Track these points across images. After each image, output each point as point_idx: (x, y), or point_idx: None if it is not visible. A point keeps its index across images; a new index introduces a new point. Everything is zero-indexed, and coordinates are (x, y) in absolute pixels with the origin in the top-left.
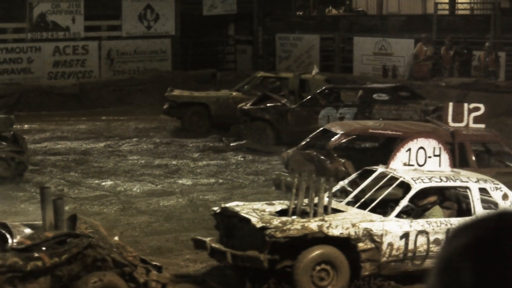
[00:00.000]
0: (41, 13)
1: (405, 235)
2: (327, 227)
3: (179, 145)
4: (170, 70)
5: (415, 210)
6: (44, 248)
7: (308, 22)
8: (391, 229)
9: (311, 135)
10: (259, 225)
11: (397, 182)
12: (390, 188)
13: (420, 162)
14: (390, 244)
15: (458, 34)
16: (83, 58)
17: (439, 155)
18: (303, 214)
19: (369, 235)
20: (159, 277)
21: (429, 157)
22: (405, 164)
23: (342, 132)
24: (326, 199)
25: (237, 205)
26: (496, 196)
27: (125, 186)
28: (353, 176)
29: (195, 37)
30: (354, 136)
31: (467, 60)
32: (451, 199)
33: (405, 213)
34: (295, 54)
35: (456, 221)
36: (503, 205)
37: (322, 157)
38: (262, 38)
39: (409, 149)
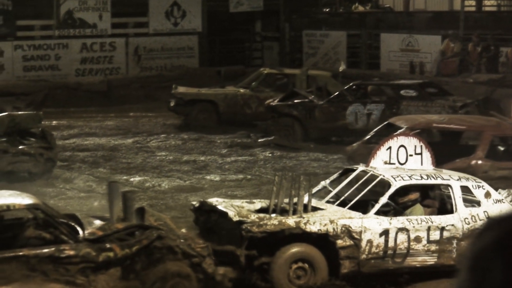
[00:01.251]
0: (68, 10)
1: (385, 232)
2: (305, 223)
3: (207, 141)
4: (197, 67)
5: (395, 208)
6: (115, 239)
7: (334, 19)
8: (370, 226)
9: (375, 129)
10: (236, 218)
11: (377, 180)
12: (370, 186)
13: (401, 161)
14: (370, 241)
15: (485, 31)
16: (110, 55)
17: (420, 153)
18: (283, 212)
19: (347, 232)
20: (226, 271)
21: (411, 155)
22: (386, 163)
23: (406, 126)
24: (306, 198)
25: (216, 201)
26: (479, 194)
27: (153, 182)
28: (335, 175)
29: (222, 34)
30: (418, 130)
31: (495, 57)
32: (432, 197)
33: (387, 213)
34: (322, 51)
35: (437, 219)
36: (485, 203)
37: None
38: (289, 35)
39: (390, 148)
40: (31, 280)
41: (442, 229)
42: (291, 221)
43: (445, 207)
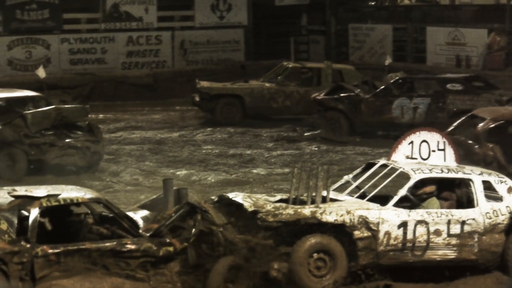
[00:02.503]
0: (114, 4)
1: (403, 225)
2: (321, 213)
3: (253, 134)
4: (243, 60)
5: (413, 201)
6: (170, 229)
7: (380, 12)
8: (388, 217)
9: (459, 120)
10: (251, 209)
11: (397, 172)
12: (389, 179)
13: (424, 156)
14: (387, 233)
15: None
16: (156, 48)
17: (443, 150)
18: (302, 203)
19: (364, 223)
20: (280, 265)
21: (433, 151)
22: (407, 157)
23: (490, 117)
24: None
25: (236, 194)
26: (501, 189)
27: (199, 176)
28: (358, 170)
29: (267, 27)
30: (502, 122)
31: None
32: (452, 191)
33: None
34: (368, 45)
35: (457, 213)
36: (508, 198)
37: (470, 142)
38: (335, 29)
39: (412, 142)
40: (92, 274)
41: (463, 223)
42: (307, 210)
43: (466, 202)
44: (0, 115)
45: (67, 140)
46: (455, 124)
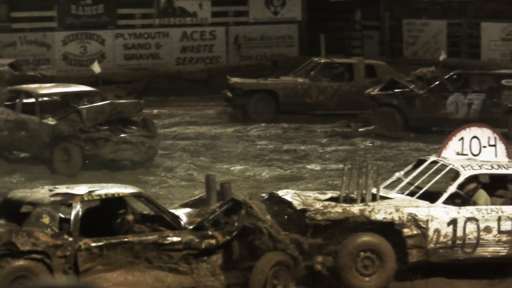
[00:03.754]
0: None
1: (453, 222)
2: (370, 211)
3: (307, 130)
4: (297, 56)
5: (463, 197)
6: (213, 223)
7: (434, 7)
8: (438, 215)
9: None
10: (299, 207)
11: (447, 169)
12: (439, 176)
13: (475, 152)
14: (437, 231)
15: None
16: (210, 43)
17: (494, 145)
18: (352, 201)
19: (414, 220)
20: (324, 259)
21: (484, 147)
22: (458, 153)
23: None
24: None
25: (286, 192)
26: None
27: (254, 171)
28: (409, 167)
29: (321, 22)
30: None
31: None
32: (505, 188)
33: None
34: (422, 40)
35: (508, 209)
36: None
37: None
38: (389, 24)
39: (462, 138)
40: (135, 267)
41: None
42: (355, 209)
43: None
44: (56, 110)
45: (122, 135)
46: None
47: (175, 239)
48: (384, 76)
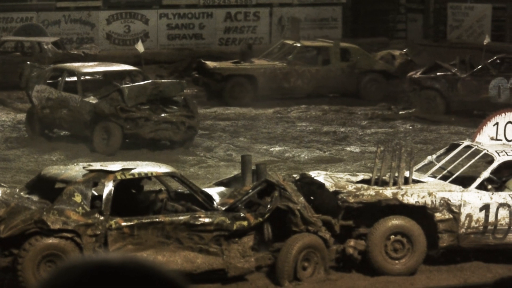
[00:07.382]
0: None
1: (485, 207)
2: (402, 195)
3: (347, 112)
4: (340, 38)
5: (496, 182)
6: (246, 204)
7: None
8: (470, 200)
9: None
10: (332, 189)
11: (480, 154)
12: (472, 161)
13: (509, 137)
14: (469, 216)
15: None
16: (254, 24)
17: None
18: (384, 185)
19: (446, 205)
20: (357, 244)
21: None
22: (492, 139)
23: None
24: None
25: (318, 173)
26: None
27: (293, 152)
28: (442, 150)
29: (366, 5)
30: None
31: None
32: None
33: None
34: (466, 24)
35: None
36: None
37: None
38: (434, 7)
39: (497, 124)
40: (165, 247)
41: None
42: (388, 192)
43: None
44: (98, 89)
45: (162, 115)
46: None
47: (207, 220)
48: (357, 59)
